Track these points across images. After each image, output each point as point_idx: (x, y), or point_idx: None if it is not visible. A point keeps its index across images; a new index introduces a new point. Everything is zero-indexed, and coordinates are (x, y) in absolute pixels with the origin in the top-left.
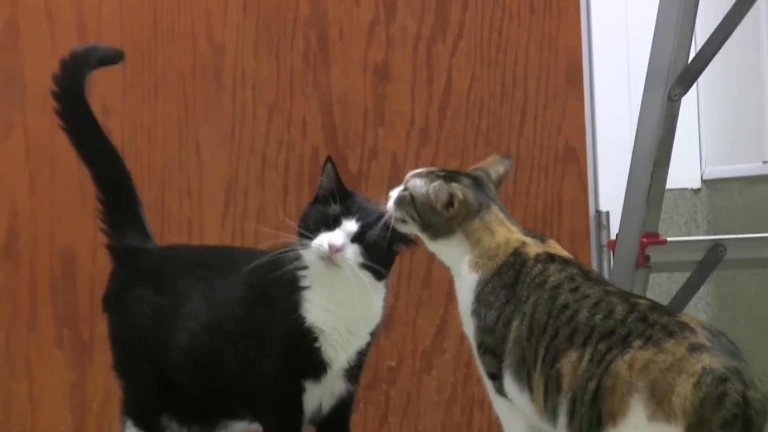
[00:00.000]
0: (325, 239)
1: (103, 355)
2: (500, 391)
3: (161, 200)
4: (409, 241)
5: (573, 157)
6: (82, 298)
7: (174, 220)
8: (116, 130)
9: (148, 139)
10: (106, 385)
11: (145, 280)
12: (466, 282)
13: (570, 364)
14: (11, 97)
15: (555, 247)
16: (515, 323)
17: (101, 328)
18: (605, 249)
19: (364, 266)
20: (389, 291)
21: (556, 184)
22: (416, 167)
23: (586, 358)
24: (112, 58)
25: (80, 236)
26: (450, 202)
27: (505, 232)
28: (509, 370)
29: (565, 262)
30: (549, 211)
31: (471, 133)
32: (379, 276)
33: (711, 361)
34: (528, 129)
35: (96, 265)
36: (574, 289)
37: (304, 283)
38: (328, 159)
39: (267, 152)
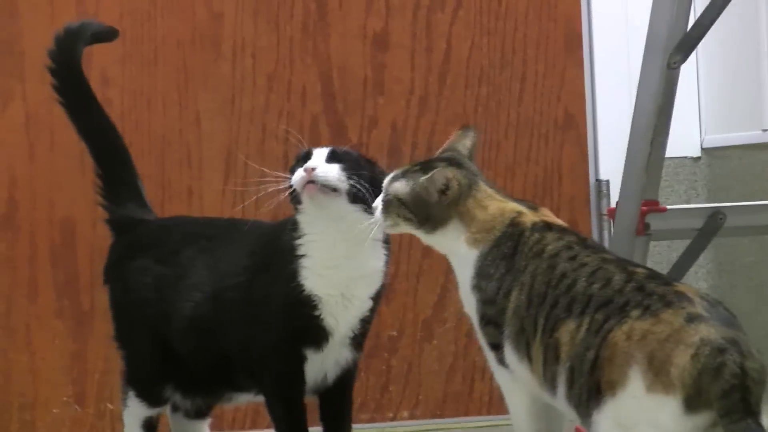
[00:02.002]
0: (300, 169)
1: (103, 325)
2: (501, 361)
3: (161, 169)
4: None
5: (572, 124)
6: (83, 267)
7: (174, 189)
8: (116, 99)
9: (148, 107)
10: (106, 355)
11: (146, 251)
12: (465, 259)
13: (568, 333)
14: (10, 66)
15: (548, 215)
16: (514, 293)
17: (101, 297)
18: (605, 217)
19: (351, 189)
20: (390, 256)
21: (556, 152)
22: (416, 136)
23: (584, 327)
24: (106, 35)
25: (80, 205)
26: (447, 186)
27: (497, 203)
28: (509, 340)
29: (562, 230)
30: (549, 179)
31: (471, 101)
32: (368, 206)
33: (708, 331)
34: (527, 97)
35: (96, 234)
36: (572, 258)
37: (300, 251)
38: None
39: (267, 121)
